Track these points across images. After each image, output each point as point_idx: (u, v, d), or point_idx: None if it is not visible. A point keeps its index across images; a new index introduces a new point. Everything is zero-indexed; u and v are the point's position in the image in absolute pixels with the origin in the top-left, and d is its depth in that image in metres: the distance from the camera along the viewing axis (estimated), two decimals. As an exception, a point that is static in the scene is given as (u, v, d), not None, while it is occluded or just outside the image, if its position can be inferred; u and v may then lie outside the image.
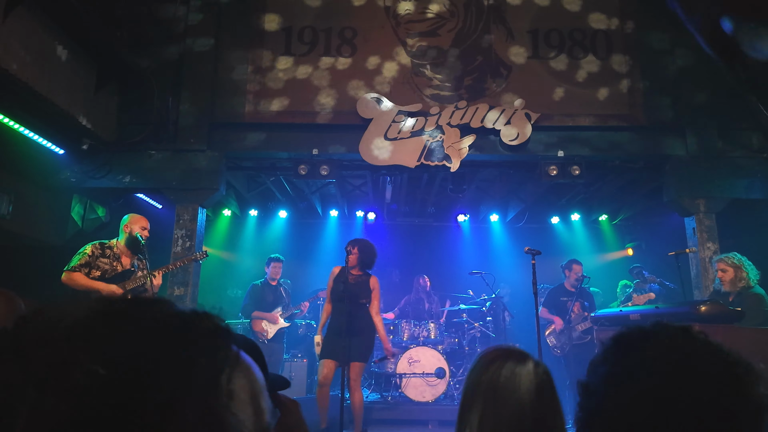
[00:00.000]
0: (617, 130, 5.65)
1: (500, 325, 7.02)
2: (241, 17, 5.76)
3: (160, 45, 5.54)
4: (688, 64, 5.67)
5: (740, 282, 4.18)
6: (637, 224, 8.54)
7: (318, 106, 5.57)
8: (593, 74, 5.71)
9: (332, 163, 5.55)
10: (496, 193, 7.91)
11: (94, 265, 4.25)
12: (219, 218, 8.09)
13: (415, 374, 6.18)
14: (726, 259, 4.29)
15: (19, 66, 3.91)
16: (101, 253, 4.31)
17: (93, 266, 4.24)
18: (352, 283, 4.61)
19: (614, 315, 4.56)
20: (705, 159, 5.50)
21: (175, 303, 0.51)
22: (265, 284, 6.67)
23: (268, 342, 6.36)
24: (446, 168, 5.48)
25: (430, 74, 5.71)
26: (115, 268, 4.32)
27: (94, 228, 6.30)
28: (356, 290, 4.57)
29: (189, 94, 5.51)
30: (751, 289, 4.14)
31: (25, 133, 4.61)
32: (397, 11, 5.83)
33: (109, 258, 4.32)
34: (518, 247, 7.28)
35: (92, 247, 4.30)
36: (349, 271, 4.64)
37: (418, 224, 9.03)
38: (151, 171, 5.42)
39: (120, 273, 4.33)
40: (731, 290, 4.24)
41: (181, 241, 5.37)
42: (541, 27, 5.81)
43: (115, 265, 4.33)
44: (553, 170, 5.52)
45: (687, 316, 3.62)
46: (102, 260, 4.29)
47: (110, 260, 4.32)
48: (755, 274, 4.20)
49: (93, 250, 4.29)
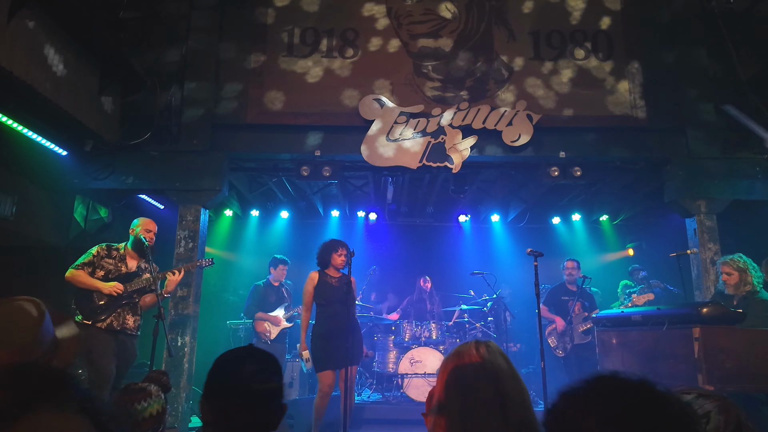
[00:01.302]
0: (618, 131, 5.67)
1: (501, 326, 7.04)
2: (244, 19, 5.77)
3: (162, 47, 5.55)
4: (689, 65, 5.68)
5: (745, 286, 4.12)
6: (638, 224, 8.56)
7: (320, 107, 5.59)
8: (594, 75, 5.73)
9: (334, 164, 5.56)
10: (497, 193, 7.93)
11: (98, 265, 4.29)
12: (221, 218, 8.11)
13: (416, 374, 6.20)
14: (731, 262, 4.21)
15: (23, 68, 3.92)
16: (107, 254, 4.36)
17: (97, 266, 4.29)
18: (337, 286, 4.66)
19: (616, 316, 4.58)
20: (706, 160, 5.51)
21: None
22: (267, 285, 6.70)
23: (271, 342, 6.39)
24: (448, 169, 5.49)
25: (432, 75, 5.73)
26: (119, 269, 4.36)
27: (97, 229, 6.32)
28: (345, 292, 4.60)
29: (191, 96, 5.52)
30: (757, 294, 4.09)
31: (28, 135, 4.62)
32: (399, 12, 5.85)
33: (114, 259, 4.38)
34: (519, 248, 7.31)
35: (99, 248, 4.36)
36: (329, 274, 4.71)
37: (420, 224, 9.05)
38: (154, 172, 5.43)
39: (124, 274, 4.37)
40: (735, 293, 4.20)
41: (183, 242, 5.39)
42: (542, 28, 5.83)
43: (119, 266, 4.38)
44: (555, 171, 5.54)
45: (688, 318, 3.65)
46: (107, 261, 4.33)
47: (115, 261, 4.37)
48: (759, 277, 4.15)
49: (99, 250, 4.35)
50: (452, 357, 1.43)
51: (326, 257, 4.76)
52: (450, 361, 1.41)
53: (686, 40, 5.73)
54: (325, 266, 4.78)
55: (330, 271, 4.75)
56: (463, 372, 1.37)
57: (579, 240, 8.62)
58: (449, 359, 1.43)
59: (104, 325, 4.18)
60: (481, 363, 1.37)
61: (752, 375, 3.39)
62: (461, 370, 1.37)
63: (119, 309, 4.28)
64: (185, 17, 5.66)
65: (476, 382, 1.34)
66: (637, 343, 4.15)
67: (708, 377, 3.35)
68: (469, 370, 1.36)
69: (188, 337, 5.23)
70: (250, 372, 1.39)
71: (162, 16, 5.50)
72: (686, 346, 3.53)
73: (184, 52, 5.59)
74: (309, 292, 4.68)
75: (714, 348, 3.42)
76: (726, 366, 3.39)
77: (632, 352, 4.16)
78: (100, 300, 4.20)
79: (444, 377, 1.39)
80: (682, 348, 3.58)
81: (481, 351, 1.40)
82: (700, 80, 5.62)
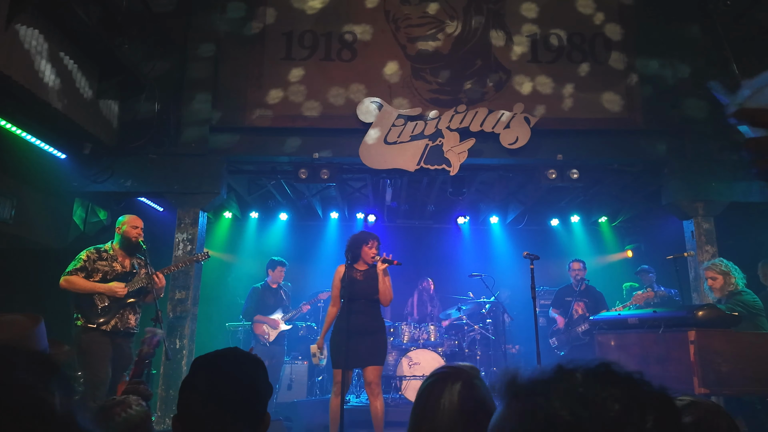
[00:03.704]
0: (616, 134, 5.68)
1: (500, 328, 7.05)
2: (242, 21, 5.79)
3: (161, 50, 5.56)
4: (686, 68, 5.69)
5: (729, 287, 4.29)
6: (636, 226, 8.57)
7: (318, 110, 5.60)
8: (592, 78, 5.74)
9: (332, 167, 5.58)
10: (495, 195, 7.94)
11: (92, 268, 4.29)
12: (220, 220, 8.12)
13: (415, 376, 6.21)
14: (713, 267, 4.39)
15: (21, 72, 3.94)
16: (97, 257, 4.35)
17: (91, 270, 4.28)
18: (361, 280, 4.40)
19: (613, 319, 4.60)
20: (703, 162, 5.52)
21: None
22: (265, 287, 6.71)
23: (270, 345, 6.40)
24: (446, 171, 5.51)
25: (430, 78, 5.74)
26: (114, 269, 4.36)
27: (96, 231, 6.33)
28: (367, 286, 4.38)
29: (190, 99, 5.54)
30: (741, 295, 4.23)
31: (27, 138, 4.65)
32: (396, 15, 5.86)
33: (106, 260, 4.37)
34: (518, 250, 7.31)
35: (87, 253, 4.35)
36: (356, 268, 4.45)
37: (418, 226, 9.06)
38: (153, 175, 5.45)
39: (121, 273, 4.37)
40: (721, 296, 4.34)
41: (182, 245, 5.40)
42: (540, 31, 5.84)
43: (114, 266, 4.37)
44: (552, 174, 5.55)
45: (684, 321, 3.66)
46: (100, 263, 4.33)
47: (108, 262, 4.36)
48: (742, 278, 4.32)
49: (88, 255, 4.34)
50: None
51: (356, 251, 4.47)
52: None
53: (684, 43, 5.73)
54: (354, 260, 4.49)
55: (359, 265, 4.49)
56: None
57: (578, 241, 8.63)
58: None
59: (108, 327, 4.19)
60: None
61: (747, 378, 3.41)
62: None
63: (122, 310, 4.29)
64: (184, 20, 5.68)
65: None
66: (634, 346, 4.17)
67: (703, 380, 3.37)
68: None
69: (186, 339, 5.25)
70: (208, 382, 1.31)
71: (161, 19, 5.51)
72: (682, 349, 3.55)
73: (182, 55, 5.61)
74: (335, 285, 4.47)
75: (709, 351, 3.43)
76: (721, 369, 3.40)
77: (630, 354, 4.17)
78: (102, 302, 4.22)
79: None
80: (678, 351, 3.60)
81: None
82: (697, 82, 5.63)
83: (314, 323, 7.32)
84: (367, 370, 4.33)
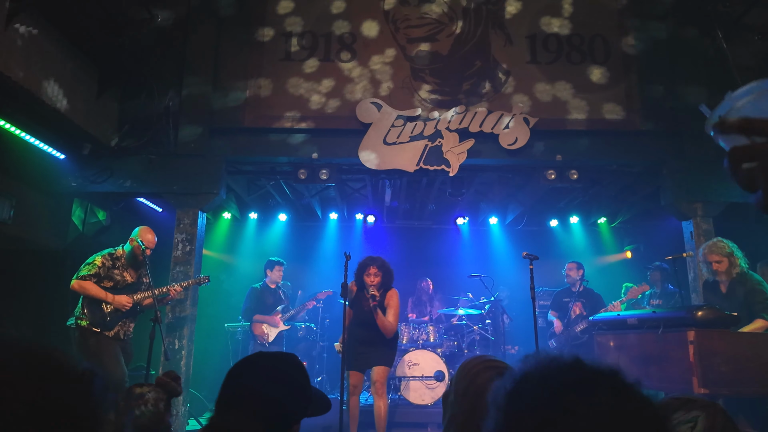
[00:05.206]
0: (615, 135, 5.68)
1: (499, 328, 7.04)
2: (241, 22, 5.79)
3: (160, 51, 5.56)
4: (684, 69, 5.69)
5: (735, 269, 4.13)
6: (635, 227, 8.56)
7: (317, 110, 5.60)
8: (591, 79, 5.74)
9: (332, 168, 5.58)
10: (495, 196, 7.94)
11: (106, 275, 4.39)
12: (219, 221, 8.12)
13: (414, 377, 6.20)
14: (717, 249, 4.18)
15: (21, 73, 3.94)
16: (112, 264, 4.45)
17: (104, 277, 4.39)
18: (367, 311, 4.55)
19: (612, 319, 4.59)
20: (702, 163, 5.52)
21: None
22: (264, 287, 6.70)
23: (269, 345, 6.40)
24: (445, 172, 5.51)
25: (429, 79, 5.74)
26: (125, 279, 4.48)
27: (95, 231, 6.33)
28: (371, 319, 4.53)
29: (189, 100, 5.54)
30: (747, 274, 4.10)
31: (26, 139, 4.65)
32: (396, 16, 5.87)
33: (119, 269, 4.46)
34: (517, 250, 7.30)
35: (102, 258, 4.41)
36: (363, 293, 4.62)
37: (418, 227, 9.05)
38: (152, 176, 5.44)
39: (130, 284, 4.48)
40: (726, 279, 4.20)
41: (181, 245, 5.40)
42: (539, 32, 5.84)
43: (125, 275, 4.48)
44: (552, 174, 5.56)
45: (683, 321, 3.66)
46: (114, 271, 4.44)
47: (120, 271, 4.47)
48: (743, 258, 4.16)
49: (103, 261, 4.41)
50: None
51: (360, 280, 4.69)
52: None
53: (682, 44, 5.74)
54: (361, 288, 4.69)
55: (366, 292, 4.61)
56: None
57: (577, 242, 8.63)
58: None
59: (111, 333, 4.35)
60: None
61: (747, 378, 3.40)
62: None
63: (125, 318, 4.46)
64: (184, 22, 5.68)
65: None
66: (634, 347, 4.17)
67: (702, 380, 3.37)
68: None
69: (185, 340, 5.24)
70: (248, 383, 1.37)
71: (160, 21, 5.51)
72: (681, 349, 3.54)
73: (182, 57, 5.61)
74: (351, 290, 4.68)
75: (708, 351, 3.43)
76: (721, 369, 3.40)
77: (629, 355, 4.17)
78: (108, 310, 4.36)
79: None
80: (678, 351, 3.60)
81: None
82: (695, 84, 5.64)
83: (313, 323, 7.32)
84: (373, 370, 4.56)
